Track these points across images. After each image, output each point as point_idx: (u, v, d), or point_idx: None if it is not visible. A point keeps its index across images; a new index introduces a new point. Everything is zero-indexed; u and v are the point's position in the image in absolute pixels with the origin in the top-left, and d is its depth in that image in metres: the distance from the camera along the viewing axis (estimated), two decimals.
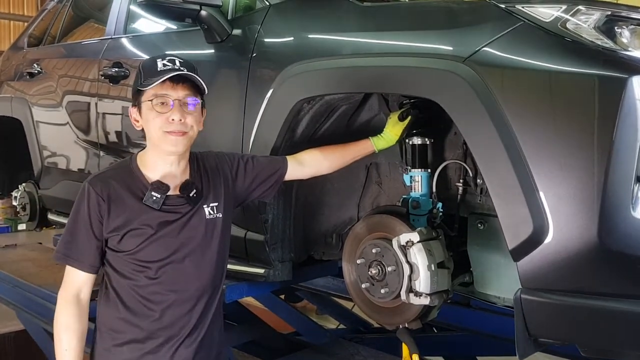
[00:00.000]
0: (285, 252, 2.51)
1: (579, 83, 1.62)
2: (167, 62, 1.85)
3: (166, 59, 1.86)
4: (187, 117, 1.85)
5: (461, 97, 1.77)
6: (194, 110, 1.88)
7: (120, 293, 1.89)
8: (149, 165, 1.93)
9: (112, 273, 1.91)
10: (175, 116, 1.83)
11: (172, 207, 1.91)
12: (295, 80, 2.23)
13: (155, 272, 1.87)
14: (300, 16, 2.48)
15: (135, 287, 1.88)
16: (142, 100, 1.86)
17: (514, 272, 1.74)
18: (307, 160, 2.22)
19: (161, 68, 1.83)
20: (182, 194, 1.92)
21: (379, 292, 2.09)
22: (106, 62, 3.36)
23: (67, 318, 1.89)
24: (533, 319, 1.71)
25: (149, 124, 1.86)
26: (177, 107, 1.84)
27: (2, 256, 4.49)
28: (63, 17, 4.37)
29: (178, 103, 1.84)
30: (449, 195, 2.27)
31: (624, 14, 1.68)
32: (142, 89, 1.84)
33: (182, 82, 1.85)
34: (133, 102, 1.93)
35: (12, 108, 4.38)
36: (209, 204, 1.99)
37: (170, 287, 1.89)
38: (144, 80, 1.84)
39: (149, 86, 1.82)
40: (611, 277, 1.62)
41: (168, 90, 1.83)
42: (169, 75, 1.81)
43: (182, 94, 1.85)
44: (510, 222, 1.69)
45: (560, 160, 1.61)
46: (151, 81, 1.81)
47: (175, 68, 1.84)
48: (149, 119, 1.85)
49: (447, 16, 2.02)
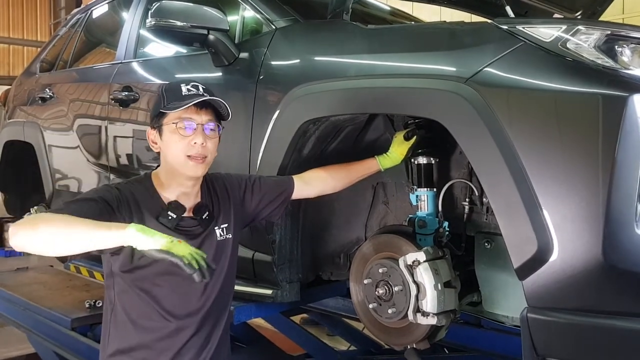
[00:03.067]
0: (293, 273, 2.52)
1: (581, 102, 1.63)
2: (191, 87, 1.88)
3: (190, 84, 1.89)
4: (208, 142, 1.88)
5: (463, 117, 1.78)
6: (215, 136, 1.92)
7: (131, 314, 1.89)
8: (164, 186, 1.94)
9: (122, 293, 1.90)
10: (199, 140, 1.86)
11: (185, 229, 1.91)
12: (301, 101, 2.25)
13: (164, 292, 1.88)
14: (305, 39, 2.51)
15: (148, 305, 1.88)
16: (164, 122, 1.88)
17: (521, 291, 1.73)
18: (313, 180, 2.24)
19: (186, 93, 1.87)
20: (196, 216, 1.94)
21: (387, 312, 2.09)
22: (116, 86, 3.40)
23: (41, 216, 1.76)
24: (540, 338, 1.70)
25: (170, 146, 1.88)
26: (200, 131, 1.87)
27: (14, 279, 4.53)
28: (75, 43, 4.44)
29: (201, 127, 1.87)
30: (455, 214, 2.27)
31: (623, 33, 1.69)
32: (167, 111, 1.86)
33: (205, 108, 1.89)
34: (153, 124, 1.94)
35: (25, 132, 4.44)
36: (220, 225, 2.01)
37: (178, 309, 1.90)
38: (168, 103, 1.87)
39: (174, 109, 1.84)
40: (617, 295, 1.61)
41: (192, 115, 1.86)
42: (197, 100, 1.84)
43: (206, 118, 1.89)
44: (515, 241, 1.70)
45: (563, 179, 1.61)
46: (177, 104, 1.84)
47: (200, 93, 1.87)
48: (171, 141, 1.87)
49: (450, 38, 2.04)
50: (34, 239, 1.61)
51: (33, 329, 3.73)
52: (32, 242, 1.62)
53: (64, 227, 1.60)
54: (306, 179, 2.23)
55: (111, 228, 1.61)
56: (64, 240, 1.60)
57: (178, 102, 1.84)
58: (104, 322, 1.97)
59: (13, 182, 4.87)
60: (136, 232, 1.58)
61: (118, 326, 1.92)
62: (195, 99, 1.84)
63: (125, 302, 1.90)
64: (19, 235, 1.61)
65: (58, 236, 1.60)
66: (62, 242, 1.61)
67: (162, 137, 1.90)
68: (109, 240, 1.61)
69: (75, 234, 1.60)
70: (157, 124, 1.91)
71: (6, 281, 4.41)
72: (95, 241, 1.61)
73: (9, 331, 4.89)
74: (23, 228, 1.62)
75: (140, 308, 1.89)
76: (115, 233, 1.59)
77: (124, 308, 1.90)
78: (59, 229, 1.60)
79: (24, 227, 1.63)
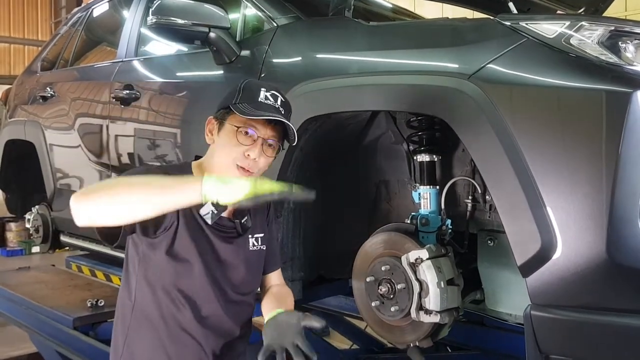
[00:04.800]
0: (295, 271, 2.51)
1: (584, 98, 1.63)
2: (270, 96, 1.73)
3: (270, 92, 1.74)
4: (262, 158, 1.73)
5: (467, 113, 1.78)
6: (271, 155, 1.76)
7: (152, 316, 1.77)
8: None
9: (146, 295, 1.77)
10: (254, 153, 1.70)
11: (221, 229, 1.80)
12: (303, 99, 2.25)
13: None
14: (307, 36, 2.51)
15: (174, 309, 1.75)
16: (228, 120, 1.73)
17: (524, 288, 1.73)
18: (267, 291, 1.98)
19: (262, 99, 1.71)
20: (235, 219, 1.82)
21: (389, 310, 2.08)
22: (117, 84, 3.40)
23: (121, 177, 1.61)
24: (543, 336, 1.69)
25: (224, 147, 1.73)
26: (259, 145, 1.71)
27: (15, 278, 4.53)
28: (75, 41, 4.44)
29: (261, 141, 1.72)
30: (458, 212, 2.27)
31: (627, 29, 1.68)
32: (236, 112, 1.69)
33: (273, 123, 1.73)
34: (217, 115, 1.77)
35: (26, 131, 4.44)
36: (254, 234, 1.89)
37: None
38: (241, 102, 1.71)
39: (244, 114, 1.67)
40: (621, 292, 1.61)
41: (258, 125, 1.71)
42: (269, 116, 1.68)
43: (270, 134, 1.73)
44: (519, 239, 1.69)
45: (567, 176, 1.60)
46: (248, 110, 1.67)
47: (276, 107, 1.72)
48: (226, 144, 1.72)
49: (452, 34, 2.04)
50: (105, 204, 1.49)
51: (35, 328, 3.73)
52: (101, 209, 1.49)
53: (136, 188, 1.49)
54: (269, 286, 2.00)
55: (186, 183, 1.51)
56: (138, 202, 1.48)
57: (250, 105, 1.69)
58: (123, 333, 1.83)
59: (14, 181, 4.87)
60: (216, 182, 1.46)
61: (140, 332, 1.79)
62: (268, 113, 1.68)
63: (154, 302, 1.76)
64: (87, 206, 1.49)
65: (131, 198, 1.48)
66: (136, 205, 1.48)
67: (219, 133, 1.75)
68: (186, 196, 1.49)
69: (148, 194, 1.48)
70: (221, 118, 1.76)
71: (8, 280, 4.41)
72: (172, 200, 1.50)
73: (11, 330, 4.89)
74: (90, 196, 1.50)
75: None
76: (193, 187, 1.48)
77: (147, 310, 1.77)
78: (131, 190, 1.49)
79: (89, 196, 1.50)
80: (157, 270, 1.75)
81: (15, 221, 9.12)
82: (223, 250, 1.79)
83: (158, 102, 3.16)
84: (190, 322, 1.76)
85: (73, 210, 1.49)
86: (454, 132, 1.84)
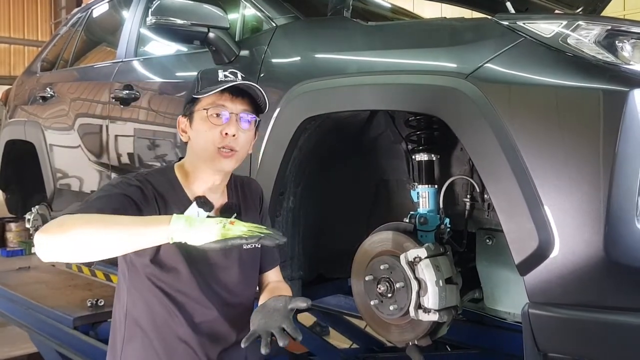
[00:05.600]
0: (294, 270, 2.52)
1: (581, 97, 1.63)
2: (229, 74, 1.71)
3: (228, 71, 1.73)
4: (241, 134, 1.71)
5: (464, 113, 1.78)
6: (249, 129, 1.74)
7: (144, 326, 1.73)
8: (189, 180, 1.77)
9: (138, 305, 1.74)
10: (230, 130, 1.68)
11: None
12: (302, 99, 2.25)
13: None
14: (306, 36, 2.51)
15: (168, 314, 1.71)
16: (196, 109, 1.71)
17: (523, 287, 1.73)
18: (266, 286, 1.95)
19: (222, 78, 1.70)
20: (223, 216, 1.75)
21: (388, 308, 2.09)
22: (117, 84, 3.41)
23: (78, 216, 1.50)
24: (541, 334, 1.70)
25: (200, 136, 1.70)
26: (233, 121, 1.69)
27: (15, 278, 4.55)
28: (75, 42, 4.45)
29: (234, 117, 1.70)
30: (457, 211, 2.27)
31: (624, 28, 1.69)
32: (199, 96, 1.70)
33: (241, 96, 1.71)
34: (184, 112, 1.77)
35: (26, 132, 4.45)
36: None
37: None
38: (202, 88, 1.70)
39: (207, 93, 1.67)
40: (619, 290, 1.61)
41: (226, 102, 1.70)
42: (230, 84, 1.68)
43: (240, 108, 1.71)
44: (516, 237, 1.69)
45: (564, 174, 1.61)
46: (210, 89, 1.67)
47: (238, 80, 1.71)
48: (201, 130, 1.70)
49: (450, 34, 2.04)
50: (66, 245, 1.45)
51: (35, 328, 3.74)
52: (63, 249, 1.45)
53: (99, 228, 1.44)
54: (267, 282, 1.96)
55: (152, 223, 1.48)
56: (101, 243, 1.44)
57: (213, 86, 1.68)
58: (120, 345, 1.79)
59: (14, 181, 4.88)
60: (184, 225, 1.44)
61: (134, 343, 1.75)
62: (231, 84, 1.68)
63: (147, 310, 1.73)
64: (47, 244, 1.45)
65: (94, 239, 1.44)
66: (99, 246, 1.45)
67: (192, 126, 1.73)
68: (152, 238, 1.46)
69: (112, 235, 1.44)
70: (189, 111, 1.74)
71: (8, 280, 4.43)
72: (137, 240, 1.47)
73: (11, 330, 4.91)
74: (51, 235, 1.45)
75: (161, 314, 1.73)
76: (159, 229, 1.45)
77: (139, 320, 1.74)
78: (94, 230, 1.44)
79: (51, 234, 1.45)
80: (144, 279, 1.71)
81: (15, 221, 9.15)
82: (211, 250, 1.60)
83: (158, 102, 3.16)
84: (184, 329, 1.72)
85: (37, 246, 1.45)
86: (452, 131, 1.84)
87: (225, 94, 1.70)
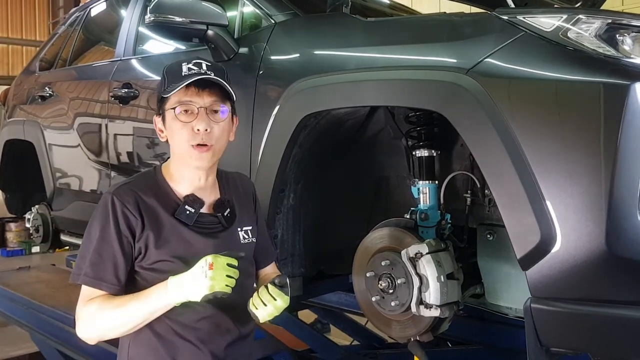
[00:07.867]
0: (295, 267, 2.51)
1: (582, 91, 1.63)
2: (192, 66, 1.66)
3: (192, 63, 1.68)
4: (213, 126, 1.68)
5: (465, 108, 1.78)
6: (222, 119, 1.70)
7: (147, 328, 1.72)
8: (176, 178, 1.76)
9: None
10: (201, 126, 1.65)
11: (205, 226, 1.74)
12: (301, 96, 2.25)
13: None
14: (305, 33, 2.51)
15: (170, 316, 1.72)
16: (166, 108, 1.69)
17: (524, 282, 1.73)
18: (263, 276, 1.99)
19: (186, 72, 1.65)
20: (216, 213, 1.77)
21: (389, 304, 2.08)
22: (116, 83, 3.40)
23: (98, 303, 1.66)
24: (544, 329, 1.70)
25: (173, 135, 1.69)
26: (203, 115, 1.66)
27: (16, 278, 4.54)
28: (74, 41, 4.44)
29: (204, 111, 1.66)
30: (457, 206, 2.27)
31: (624, 22, 1.68)
32: (165, 95, 1.67)
33: (208, 88, 1.67)
34: (157, 111, 1.75)
35: (25, 131, 4.44)
36: (244, 227, 1.84)
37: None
38: (167, 86, 1.67)
39: (172, 92, 1.64)
40: (621, 284, 1.61)
41: (193, 97, 1.65)
42: (192, 79, 1.63)
43: (209, 100, 1.67)
44: (518, 232, 1.69)
45: (566, 169, 1.61)
46: (174, 86, 1.64)
47: (201, 72, 1.65)
48: (174, 129, 1.68)
49: (450, 29, 2.04)
50: (100, 334, 1.68)
51: (36, 327, 3.73)
52: (100, 336, 1.69)
53: (116, 315, 1.63)
54: (265, 273, 1.99)
55: (154, 295, 1.62)
56: (124, 325, 1.64)
57: (177, 83, 1.65)
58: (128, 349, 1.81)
59: (14, 181, 4.88)
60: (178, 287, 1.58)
61: (142, 346, 1.76)
62: (192, 78, 1.63)
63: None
64: (89, 337, 1.69)
65: (117, 324, 1.64)
66: (123, 326, 1.65)
67: (165, 125, 1.72)
68: (160, 308, 1.62)
69: (129, 317, 1.63)
70: (160, 110, 1.73)
71: (8, 280, 4.42)
72: (150, 312, 1.63)
73: (12, 330, 4.89)
74: (86, 329, 1.68)
75: None
76: (161, 298, 1.61)
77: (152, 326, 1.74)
78: (113, 318, 1.64)
79: (86, 328, 1.68)
80: (143, 281, 1.71)
81: (15, 221, 9.14)
82: (207, 247, 1.70)
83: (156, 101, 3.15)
84: (186, 327, 1.72)
85: (81, 337, 1.71)
86: (453, 126, 1.84)
87: (191, 88, 1.66)
